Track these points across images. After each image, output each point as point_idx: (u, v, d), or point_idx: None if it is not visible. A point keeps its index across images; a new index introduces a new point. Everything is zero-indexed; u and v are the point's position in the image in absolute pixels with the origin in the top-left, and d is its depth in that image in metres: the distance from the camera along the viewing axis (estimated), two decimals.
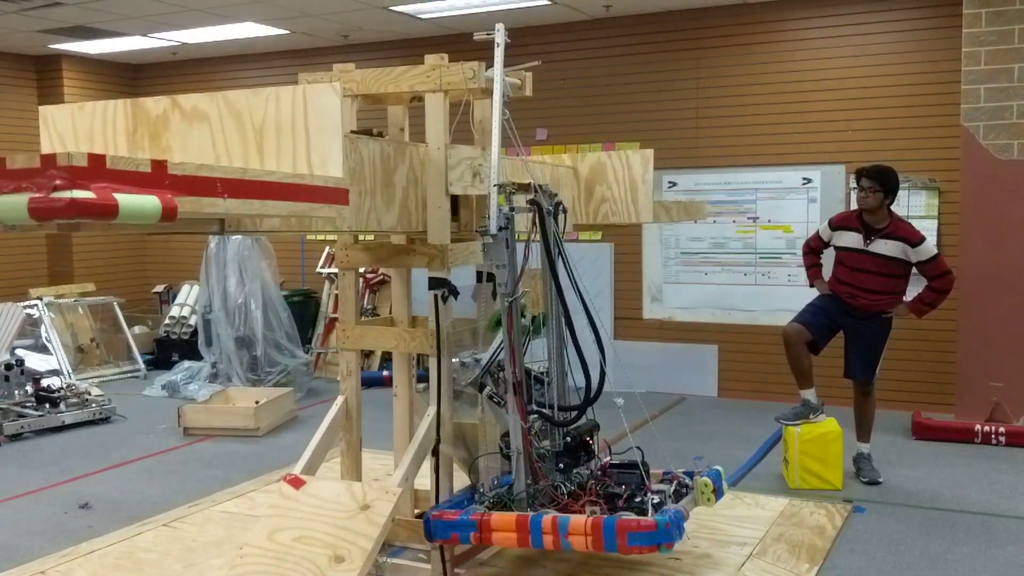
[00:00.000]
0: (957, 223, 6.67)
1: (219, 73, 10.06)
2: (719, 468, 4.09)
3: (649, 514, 3.45)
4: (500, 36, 3.67)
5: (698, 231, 8.01)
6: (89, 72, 10.18)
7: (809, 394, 5.43)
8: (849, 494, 5.23)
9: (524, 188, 3.75)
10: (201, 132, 2.83)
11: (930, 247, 5.41)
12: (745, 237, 7.86)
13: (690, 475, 3.98)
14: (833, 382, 5.97)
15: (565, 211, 3.92)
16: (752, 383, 7.80)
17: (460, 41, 8.32)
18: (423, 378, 4.12)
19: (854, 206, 5.69)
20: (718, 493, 3.97)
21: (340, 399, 4.16)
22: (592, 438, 3.92)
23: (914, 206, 7.15)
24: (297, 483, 3.79)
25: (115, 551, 4.43)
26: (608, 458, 3.96)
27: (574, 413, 3.81)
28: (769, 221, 7.77)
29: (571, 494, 3.66)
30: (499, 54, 3.66)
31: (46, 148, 3.05)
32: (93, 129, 3.01)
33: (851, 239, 5.46)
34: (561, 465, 3.76)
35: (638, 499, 3.63)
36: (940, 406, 6.87)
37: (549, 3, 7.58)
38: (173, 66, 10.34)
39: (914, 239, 5.33)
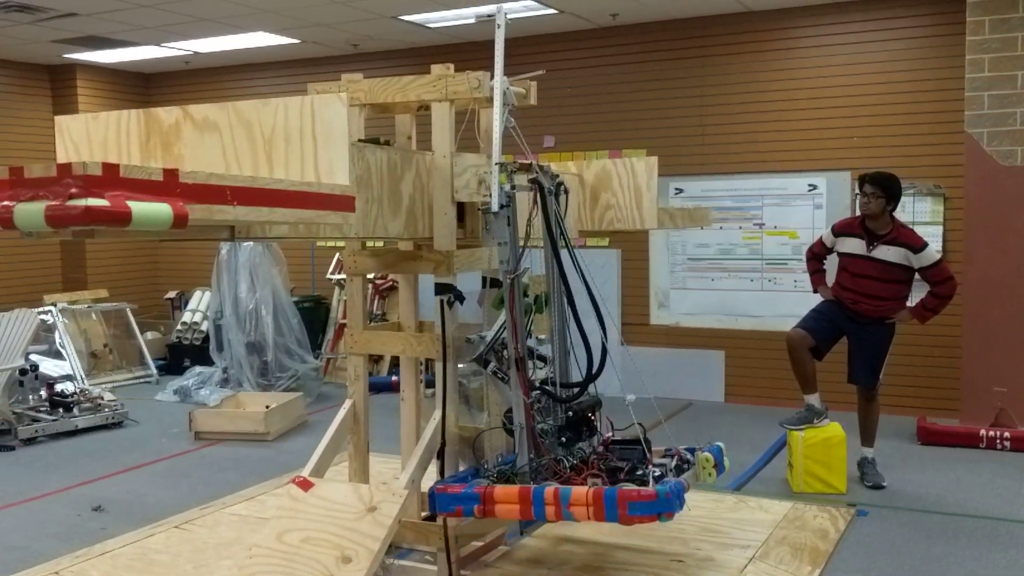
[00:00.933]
0: (962, 229, 6.71)
1: (230, 82, 10.16)
2: (720, 444, 4.10)
3: (650, 485, 3.46)
4: (501, 17, 3.73)
5: (705, 237, 8.06)
6: (102, 81, 10.30)
7: (813, 399, 5.47)
8: (853, 498, 5.26)
9: (526, 168, 3.78)
10: (212, 141, 2.90)
11: (932, 253, 5.44)
12: (751, 243, 7.91)
13: (691, 451, 4.00)
14: (837, 387, 6.00)
15: (567, 191, 3.95)
16: (758, 388, 7.83)
17: (469, 50, 8.41)
18: (431, 383, 4.17)
19: (859, 212, 5.73)
20: (719, 468, 3.99)
21: (348, 403, 4.21)
22: (594, 414, 3.95)
23: (919, 212, 7.18)
24: (306, 485, 3.85)
25: (127, 552, 4.51)
26: (610, 434, 4.00)
27: (575, 389, 3.84)
28: (775, 227, 7.82)
29: (573, 468, 3.68)
30: (500, 35, 3.71)
31: (62, 157, 3.12)
32: (107, 139, 3.08)
33: (854, 245, 5.50)
34: (563, 440, 3.79)
35: (639, 472, 3.64)
36: (945, 411, 6.89)
37: (556, 12, 7.65)
38: (185, 75, 10.45)
39: (916, 245, 5.36)
